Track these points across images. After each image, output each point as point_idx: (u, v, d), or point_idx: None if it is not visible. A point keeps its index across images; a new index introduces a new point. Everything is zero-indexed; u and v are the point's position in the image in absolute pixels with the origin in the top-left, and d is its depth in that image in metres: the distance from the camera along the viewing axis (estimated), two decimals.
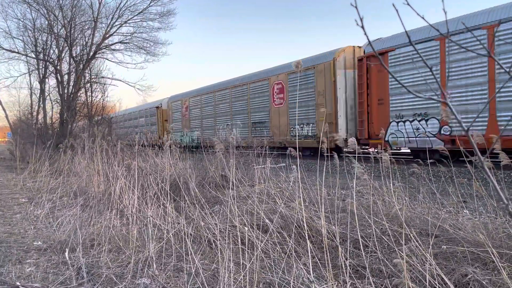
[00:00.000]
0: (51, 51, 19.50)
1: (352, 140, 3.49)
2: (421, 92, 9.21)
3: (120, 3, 18.95)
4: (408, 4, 0.83)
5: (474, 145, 0.89)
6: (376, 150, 5.16)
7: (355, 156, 3.81)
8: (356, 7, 0.79)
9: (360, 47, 13.46)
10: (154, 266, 3.31)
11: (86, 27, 19.13)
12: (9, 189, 8.84)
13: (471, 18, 9.33)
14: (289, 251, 3.23)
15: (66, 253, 3.58)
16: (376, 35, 14.83)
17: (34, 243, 4.42)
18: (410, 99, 10.69)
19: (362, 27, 0.82)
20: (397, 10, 0.82)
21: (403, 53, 10.91)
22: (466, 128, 0.82)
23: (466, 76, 9.32)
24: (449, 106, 0.85)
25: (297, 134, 14.45)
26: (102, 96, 19.93)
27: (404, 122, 10.92)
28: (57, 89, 18.80)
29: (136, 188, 4.98)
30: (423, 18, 0.87)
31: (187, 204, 4.72)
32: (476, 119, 8.90)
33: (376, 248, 3.20)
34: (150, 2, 19.20)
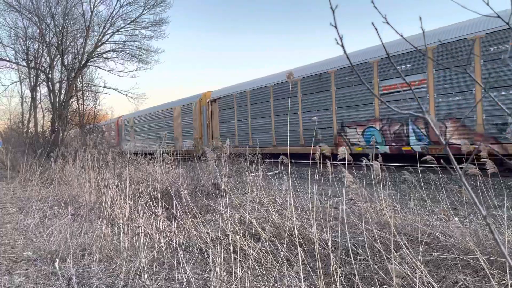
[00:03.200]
0: (43, 60, 19.45)
1: (342, 149, 3.52)
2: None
3: (113, 11, 19.00)
4: (387, 22, 0.85)
5: (452, 158, 0.91)
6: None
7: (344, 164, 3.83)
8: (336, 27, 0.81)
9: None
10: (146, 275, 3.30)
11: (78, 36, 19.14)
12: None
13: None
14: (281, 259, 3.24)
15: (56, 263, 3.54)
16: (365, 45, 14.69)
17: (24, 253, 4.37)
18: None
19: (342, 45, 0.84)
20: (376, 29, 0.83)
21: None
22: (444, 142, 0.84)
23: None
24: (429, 120, 0.87)
25: None
26: (94, 104, 19.89)
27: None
28: (48, 97, 18.73)
29: (127, 197, 4.96)
30: (402, 36, 0.90)
31: (179, 212, 4.70)
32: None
33: (367, 256, 3.22)
34: (143, 11, 19.27)
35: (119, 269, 3.53)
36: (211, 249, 3.44)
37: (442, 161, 3.57)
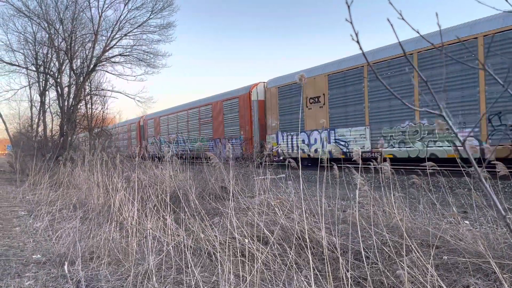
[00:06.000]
0: (52, 64, 19.66)
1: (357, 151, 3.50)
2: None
3: (120, 16, 19.14)
4: (402, 18, 0.84)
5: (471, 158, 0.90)
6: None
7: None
8: (351, 22, 0.80)
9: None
10: (154, 279, 3.29)
11: (87, 40, 19.30)
12: (9, 202, 8.81)
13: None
14: (289, 263, 3.22)
15: (65, 266, 3.56)
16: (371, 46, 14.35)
17: (33, 256, 4.39)
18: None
19: (358, 41, 0.84)
20: (391, 25, 0.83)
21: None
22: (462, 140, 0.83)
23: None
24: (445, 118, 0.86)
25: None
26: (102, 108, 20.01)
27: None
28: (57, 101, 18.90)
29: (135, 200, 4.97)
30: (417, 32, 0.89)
31: (187, 216, 4.70)
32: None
33: (377, 259, 3.19)
34: (150, 15, 19.39)
35: (127, 272, 3.53)
36: (219, 252, 3.43)
37: (459, 161, 3.54)
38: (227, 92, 18.79)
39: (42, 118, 19.78)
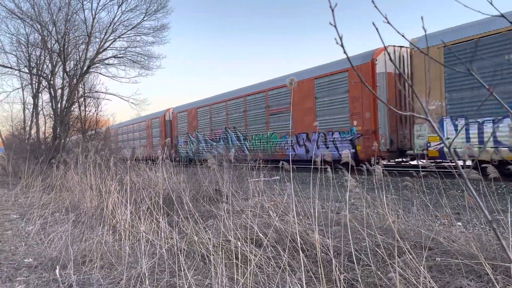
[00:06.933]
0: (45, 66, 19.53)
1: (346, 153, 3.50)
2: None
3: (114, 18, 19.08)
4: (388, 22, 0.84)
5: (457, 162, 0.90)
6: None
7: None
8: (335, 26, 0.80)
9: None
10: (147, 282, 3.27)
11: (80, 42, 19.23)
12: (1, 205, 8.73)
13: None
14: (283, 265, 3.21)
15: (57, 270, 3.52)
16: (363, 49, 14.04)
17: (25, 260, 4.35)
18: None
19: (342, 45, 0.84)
20: (377, 29, 0.83)
21: None
22: (448, 145, 0.83)
23: None
24: (431, 122, 0.86)
25: None
26: (95, 111, 19.93)
27: None
28: (50, 103, 18.78)
29: (129, 203, 4.94)
30: (403, 36, 0.89)
31: (181, 218, 4.68)
32: None
33: (370, 262, 3.19)
34: (144, 17, 19.36)
35: (120, 275, 3.51)
36: (213, 255, 3.41)
37: (447, 165, 3.55)
38: (324, 65, 12.57)
39: (35, 120, 19.64)
